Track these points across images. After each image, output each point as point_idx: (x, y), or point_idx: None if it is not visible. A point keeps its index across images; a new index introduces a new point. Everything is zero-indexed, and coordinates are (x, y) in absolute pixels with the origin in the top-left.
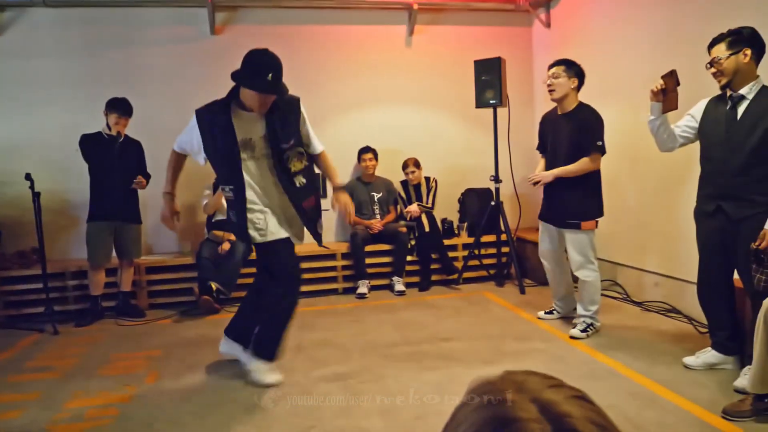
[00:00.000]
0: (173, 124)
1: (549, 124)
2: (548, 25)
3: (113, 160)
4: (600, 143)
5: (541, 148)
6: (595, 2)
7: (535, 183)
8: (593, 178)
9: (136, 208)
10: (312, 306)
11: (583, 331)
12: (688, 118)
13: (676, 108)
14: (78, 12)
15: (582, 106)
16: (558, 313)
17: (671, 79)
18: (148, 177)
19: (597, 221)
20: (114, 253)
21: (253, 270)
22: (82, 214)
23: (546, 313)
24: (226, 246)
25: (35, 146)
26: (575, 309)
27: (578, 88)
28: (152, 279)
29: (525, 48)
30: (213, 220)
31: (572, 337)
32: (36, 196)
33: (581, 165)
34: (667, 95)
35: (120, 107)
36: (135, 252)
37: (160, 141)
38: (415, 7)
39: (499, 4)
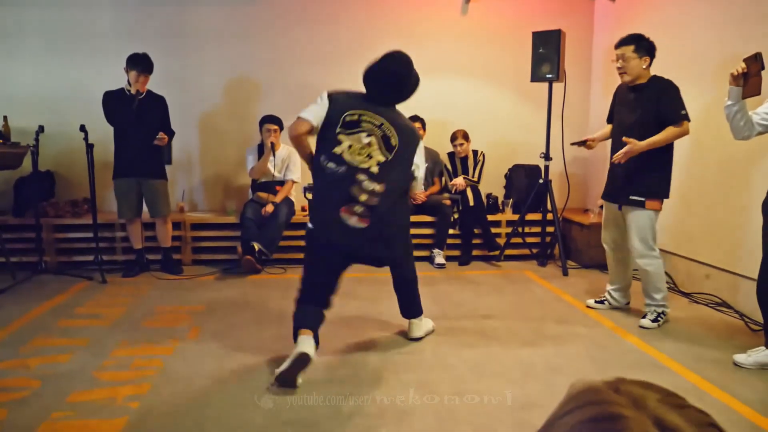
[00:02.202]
0: (219, 84)
1: (620, 95)
2: None
3: (133, 117)
4: (684, 112)
5: (610, 119)
6: None
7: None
8: (665, 154)
9: (160, 164)
10: (352, 273)
11: (654, 321)
12: None
13: (758, 94)
14: None
15: (656, 79)
16: (610, 304)
17: (756, 62)
18: (171, 133)
19: (661, 202)
20: (146, 209)
21: (297, 233)
22: None
23: (597, 302)
24: (270, 208)
25: (89, 97)
26: (628, 303)
27: (650, 64)
28: (197, 235)
29: (586, 21)
30: (258, 182)
31: (642, 327)
32: (90, 148)
33: (668, 133)
34: (748, 80)
35: (141, 64)
36: (162, 208)
37: (204, 99)
38: None
39: None
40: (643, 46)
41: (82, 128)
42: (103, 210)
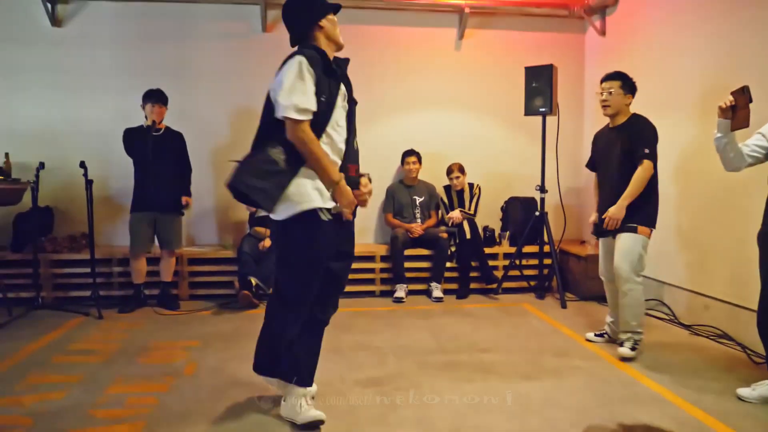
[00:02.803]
0: (218, 119)
1: (601, 140)
2: (603, 32)
3: (150, 151)
4: (647, 150)
5: (591, 165)
6: (655, 10)
7: (609, 226)
8: (648, 186)
9: (177, 199)
10: (349, 307)
11: (632, 349)
12: (758, 137)
13: (746, 126)
14: (136, 6)
15: (635, 116)
16: (609, 336)
17: (743, 95)
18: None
19: (651, 231)
20: (157, 243)
21: None
22: (128, 203)
23: (596, 335)
24: (267, 243)
25: (88, 134)
26: None
27: (630, 102)
28: (194, 270)
29: (577, 56)
30: (255, 216)
31: (622, 359)
32: (89, 183)
33: (636, 181)
34: (736, 112)
35: (153, 96)
36: (174, 242)
37: (202, 134)
38: (467, 10)
39: (553, 9)
40: (629, 84)
41: (82, 164)
42: (100, 244)
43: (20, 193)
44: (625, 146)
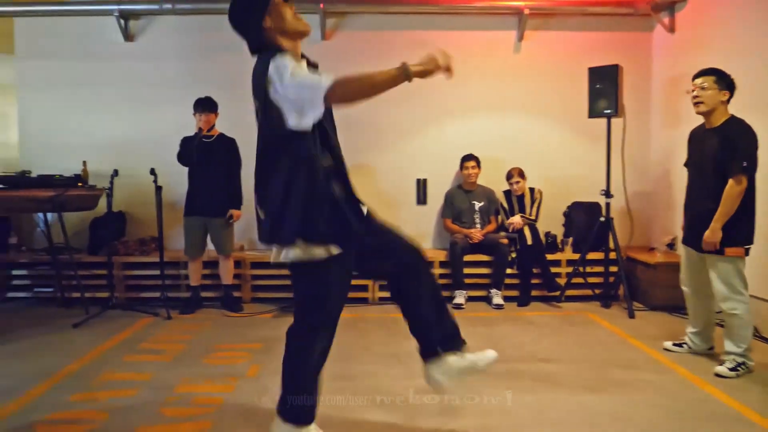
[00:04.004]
0: None
1: (695, 140)
2: (672, 30)
3: (199, 157)
4: (745, 164)
5: (687, 164)
6: (730, 4)
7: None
8: (745, 198)
9: (227, 204)
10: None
11: (732, 369)
12: None
13: None
14: (199, 19)
15: (732, 120)
16: (689, 347)
17: None
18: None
19: (746, 249)
20: (212, 247)
21: None
22: None
23: (675, 344)
24: None
25: (157, 142)
26: (711, 348)
27: (728, 100)
28: (256, 273)
29: (644, 55)
30: None
31: (717, 375)
32: (158, 189)
33: (728, 199)
34: None
35: (200, 104)
36: (225, 246)
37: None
38: (526, 12)
39: (616, 8)
40: (725, 80)
41: (152, 171)
42: (169, 248)
43: (96, 199)
44: (718, 152)
